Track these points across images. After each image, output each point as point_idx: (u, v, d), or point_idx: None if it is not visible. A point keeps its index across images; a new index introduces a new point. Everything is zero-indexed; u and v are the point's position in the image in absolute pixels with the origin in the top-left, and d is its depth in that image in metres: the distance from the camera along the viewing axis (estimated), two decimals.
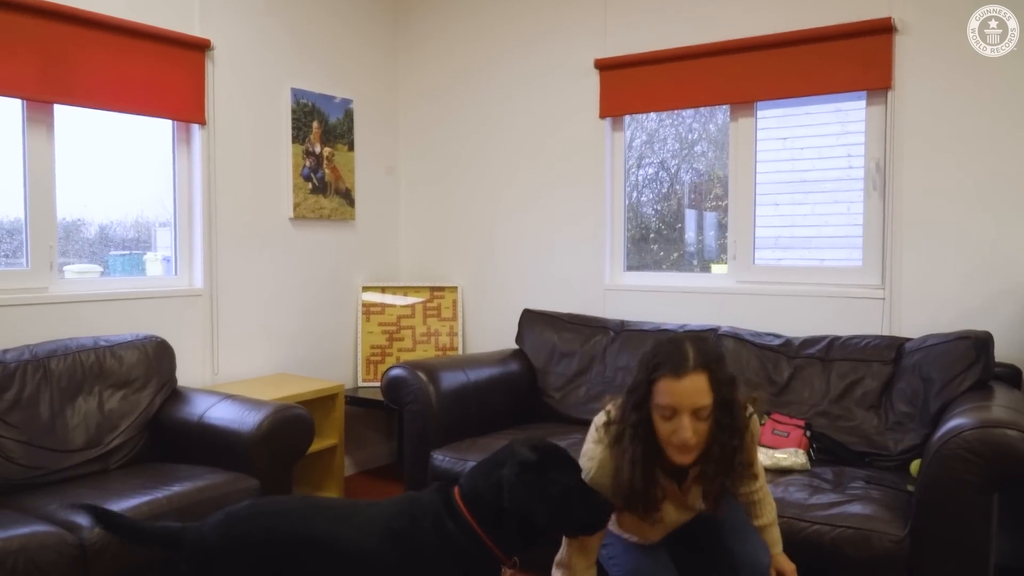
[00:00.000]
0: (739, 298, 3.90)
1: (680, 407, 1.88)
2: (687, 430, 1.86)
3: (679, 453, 1.91)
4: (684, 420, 1.87)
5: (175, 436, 3.17)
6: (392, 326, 4.68)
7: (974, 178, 3.36)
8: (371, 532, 1.97)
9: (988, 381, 3.05)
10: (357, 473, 4.69)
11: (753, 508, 2.35)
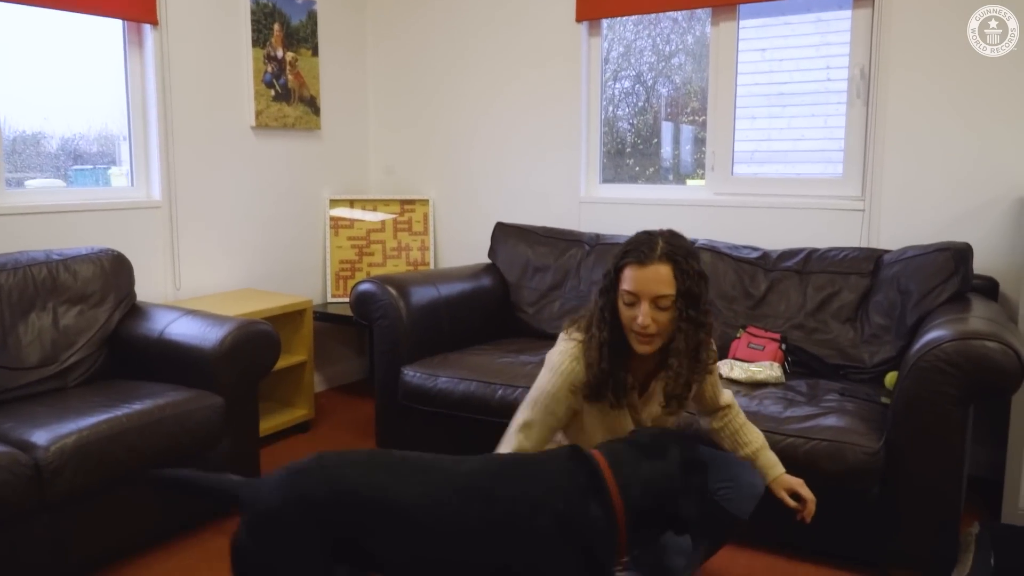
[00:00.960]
0: (717, 211, 3.81)
1: (641, 294, 1.92)
2: (646, 316, 1.91)
3: (639, 341, 1.96)
4: (644, 307, 1.92)
5: (135, 353, 3.07)
6: (361, 240, 4.56)
7: (960, 88, 3.25)
8: (469, 498, 1.66)
9: (966, 293, 3.01)
10: (328, 390, 4.63)
11: (737, 438, 2.25)
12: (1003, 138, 3.20)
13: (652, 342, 1.96)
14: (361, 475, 1.65)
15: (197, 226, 3.86)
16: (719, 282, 3.44)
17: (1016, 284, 3.17)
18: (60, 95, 3.48)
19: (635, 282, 1.92)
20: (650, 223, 3.89)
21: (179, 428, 2.69)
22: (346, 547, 1.61)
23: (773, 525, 2.71)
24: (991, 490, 3.06)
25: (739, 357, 3.14)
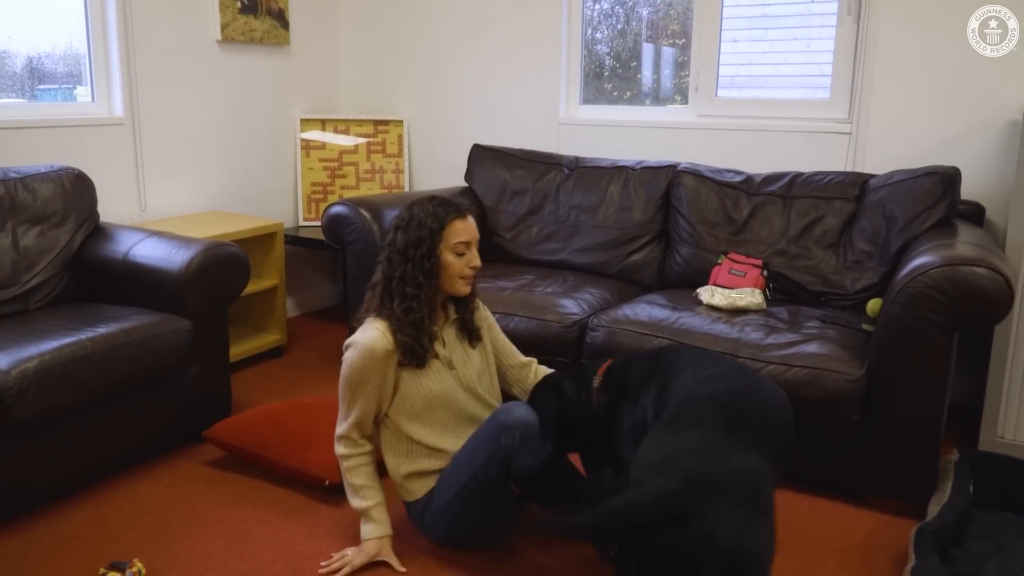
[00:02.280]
0: (700, 133, 3.71)
1: (471, 240, 2.23)
2: (478, 257, 2.24)
3: (465, 284, 2.25)
4: (474, 250, 2.24)
5: (99, 275, 2.96)
6: (334, 162, 4.42)
7: (953, 7, 3.14)
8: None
9: (952, 219, 2.96)
10: (300, 315, 4.55)
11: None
12: (994, 60, 3.11)
13: (471, 282, 2.26)
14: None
15: (162, 145, 3.70)
16: (700, 207, 3.37)
17: (1003, 209, 3.13)
18: (23, 11, 3.28)
19: (466, 232, 2.21)
20: (632, 145, 3.83)
21: (145, 352, 2.61)
22: None
23: None
24: (969, 418, 3.07)
25: (720, 283, 3.09)
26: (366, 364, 2.16)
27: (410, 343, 2.17)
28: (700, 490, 1.50)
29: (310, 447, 2.62)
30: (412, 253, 2.17)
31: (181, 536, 2.36)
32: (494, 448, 2.08)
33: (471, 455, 2.16)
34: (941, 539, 2.18)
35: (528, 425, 2.06)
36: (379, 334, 2.16)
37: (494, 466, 2.08)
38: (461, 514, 2.19)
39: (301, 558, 2.26)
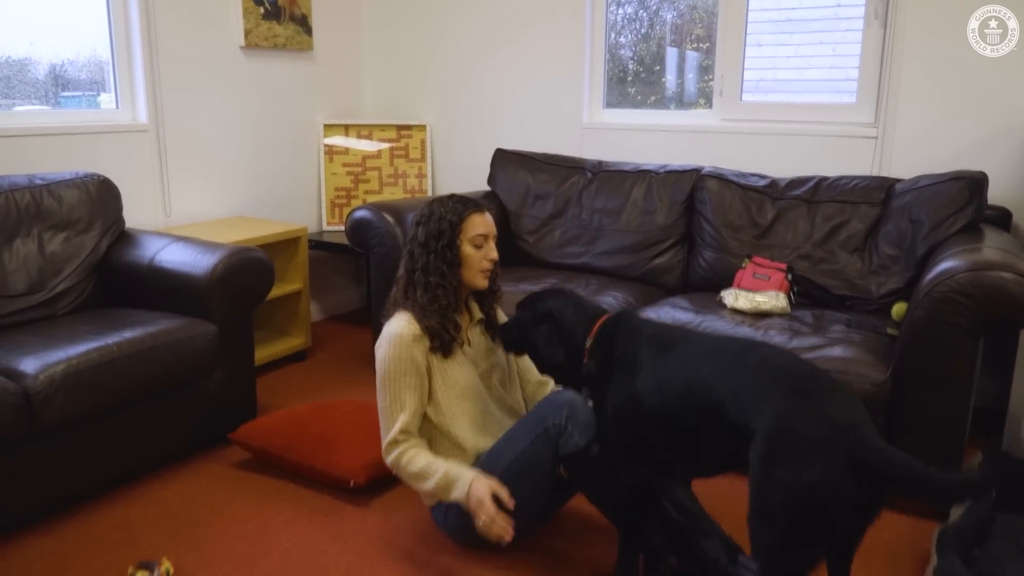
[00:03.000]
0: (724, 137, 3.70)
1: (489, 233, 2.27)
2: (495, 251, 2.28)
3: (484, 277, 2.28)
4: (492, 243, 2.27)
5: (125, 280, 3.00)
6: (357, 167, 4.44)
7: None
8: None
9: (979, 223, 2.93)
10: (324, 319, 4.58)
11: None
12: (1021, 65, 3.07)
13: (489, 275, 2.30)
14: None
15: (187, 151, 3.74)
16: (725, 211, 3.36)
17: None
18: (46, 19, 3.32)
19: (484, 225, 2.26)
20: (655, 150, 3.83)
21: (171, 356, 2.64)
22: None
23: None
24: (994, 421, 3.03)
25: (744, 287, 3.07)
26: (400, 353, 2.17)
27: (436, 327, 2.20)
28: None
29: (335, 449, 2.64)
30: (434, 244, 2.22)
31: (208, 536, 2.38)
32: (539, 429, 2.08)
33: (512, 440, 2.16)
34: (963, 540, 2.16)
35: (575, 404, 2.07)
36: (404, 322, 2.19)
37: (538, 447, 2.08)
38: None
39: (327, 557, 2.27)
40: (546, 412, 2.10)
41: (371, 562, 2.26)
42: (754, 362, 1.78)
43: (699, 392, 1.83)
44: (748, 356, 1.81)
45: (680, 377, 1.88)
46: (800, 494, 1.57)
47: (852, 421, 1.62)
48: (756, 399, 1.70)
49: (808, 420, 1.62)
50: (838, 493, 1.56)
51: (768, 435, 1.63)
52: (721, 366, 1.83)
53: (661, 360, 1.94)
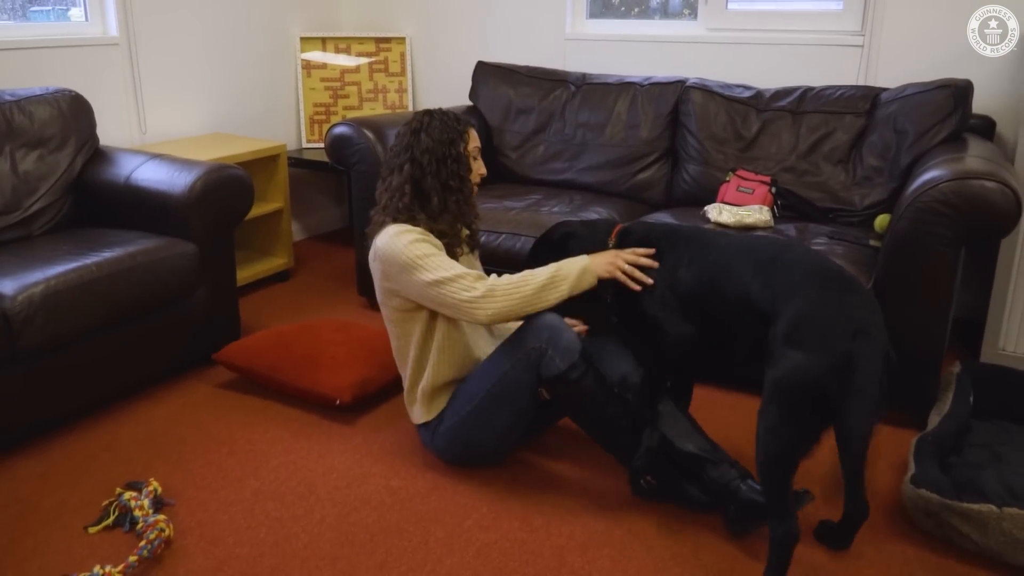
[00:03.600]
0: (709, 48, 3.63)
1: (479, 147, 2.32)
2: (484, 166, 2.34)
3: (476, 187, 2.33)
4: (480, 158, 2.32)
5: (102, 199, 2.95)
6: (336, 82, 4.34)
7: None
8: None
9: (963, 133, 2.91)
10: (307, 238, 4.54)
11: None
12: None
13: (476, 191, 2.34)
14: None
15: (160, 65, 3.64)
16: (709, 123, 3.31)
17: (1014, 123, 3.06)
18: None
19: (477, 139, 2.31)
20: (640, 61, 3.75)
21: (152, 276, 2.61)
22: None
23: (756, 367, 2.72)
24: (972, 332, 3.07)
25: (728, 201, 3.06)
26: (412, 237, 2.13)
27: (447, 230, 2.22)
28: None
29: (320, 368, 2.65)
30: (447, 151, 2.21)
31: (195, 456, 2.40)
32: (520, 353, 2.09)
33: (495, 362, 2.16)
34: (941, 448, 2.22)
35: (556, 327, 2.06)
36: (400, 226, 2.16)
37: (519, 371, 2.09)
38: (481, 424, 2.20)
39: (315, 475, 2.31)
40: (527, 335, 2.10)
41: (358, 479, 2.30)
42: (790, 259, 1.94)
43: (735, 281, 1.99)
44: (785, 253, 1.97)
45: (717, 268, 2.04)
46: (807, 375, 1.74)
47: (867, 323, 1.77)
48: (787, 289, 1.87)
49: (829, 312, 1.78)
50: (838, 382, 1.72)
51: (790, 319, 1.81)
52: (758, 260, 1.98)
53: (699, 254, 2.09)
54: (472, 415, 2.20)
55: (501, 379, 2.14)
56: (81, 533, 2.05)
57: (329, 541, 2.03)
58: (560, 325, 2.08)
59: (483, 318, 2.07)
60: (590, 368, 2.06)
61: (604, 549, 2.01)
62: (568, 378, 2.04)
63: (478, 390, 2.18)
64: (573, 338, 2.06)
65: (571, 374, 2.03)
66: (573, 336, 2.06)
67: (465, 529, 2.08)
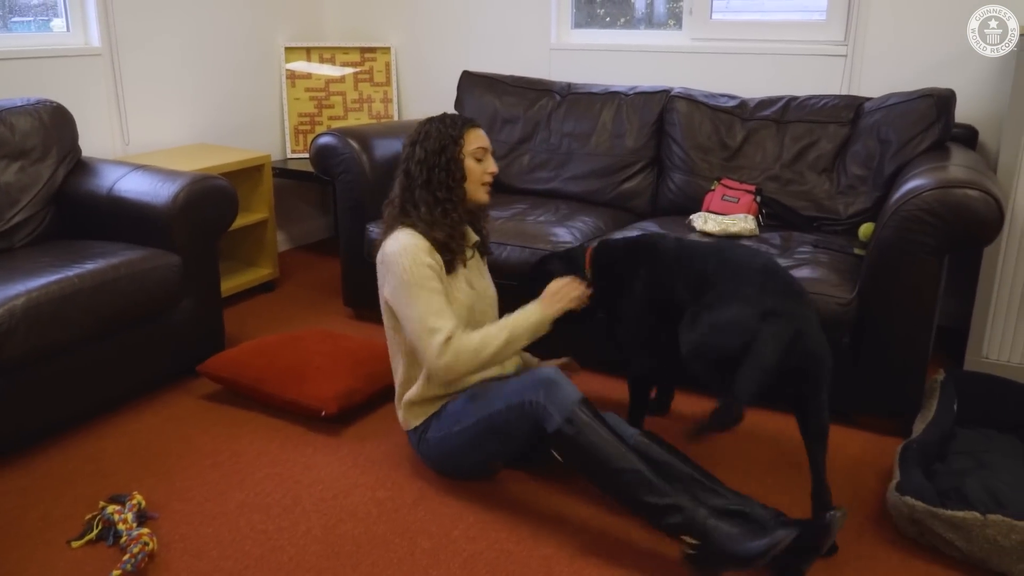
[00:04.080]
0: (694, 57, 3.65)
1: (487, 147, 2.28)
2: (494, 164, 2.30)
3: (486, 191, 2.30)
4: (490, 157, 2.29)
5: (84, 211, 2.93)
6: (321, 92, 4.33)
7: None
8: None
9: (946, 142, 2.94)
10: (292, 249, 4.53)
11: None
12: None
13: (489, 190, 2.31)
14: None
15: (144, 76, 3.62)
16: (694, 132, 3.33)
17: (996, 132, 3.10)
18: None
19: (482, 138, 2.27)
20: (625, 71, 3.77)
21: (135, 287, 2.59)
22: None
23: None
24: (956, 339, 3.09)
25: (713, 210, 3.07)
26: (417, 258, 2.13)
27: (444, 239, 2.19)
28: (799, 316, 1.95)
29: (305, 379, 2.63)
30: (437, 160, 2.20)
31: (180, 468, 2.38)
32: (515, 400, 2.06)
33: (493, 395, 2.13)
34: (925, 455, 2.22)
35: (553, 380, 2.03)
36: (409, 235, 2.16)
37: (512, 416, 2.06)
38: (468, 445, 2.19)
39: (300, 487, 2.29)
40: (524, 387, 2.07)
41: (344, 491, 2.28)
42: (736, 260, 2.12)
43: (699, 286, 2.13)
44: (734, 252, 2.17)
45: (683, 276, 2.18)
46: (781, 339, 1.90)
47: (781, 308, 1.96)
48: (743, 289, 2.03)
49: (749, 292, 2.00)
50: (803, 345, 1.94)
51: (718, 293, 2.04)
52: (717, 268, 2.12)
53: (661, 267, 2.23)
54: (460, 435, 2.19)
55: (494, 415, 2.11)
56: (64, 547, 2.03)
57: (315, 553, 2.02)
58: (557, 379, 2.04)
59: (439, 379, 2.18)
60: (592, 422, 1.98)
61: (592, 559, 2.00)
62: (565, 433, 1.97)
63: (469, 415, 2.17)
64: (571, 392, 2.02)
65: (567, 429, 1.97)
66: (571, 390, 2.02)
67: (452, 540, 2.07)
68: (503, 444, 2.16)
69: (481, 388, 2.21)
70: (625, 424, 2.22)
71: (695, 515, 1.87)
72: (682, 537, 1.87)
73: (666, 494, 1.90)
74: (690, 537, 1.86)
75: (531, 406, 2.03)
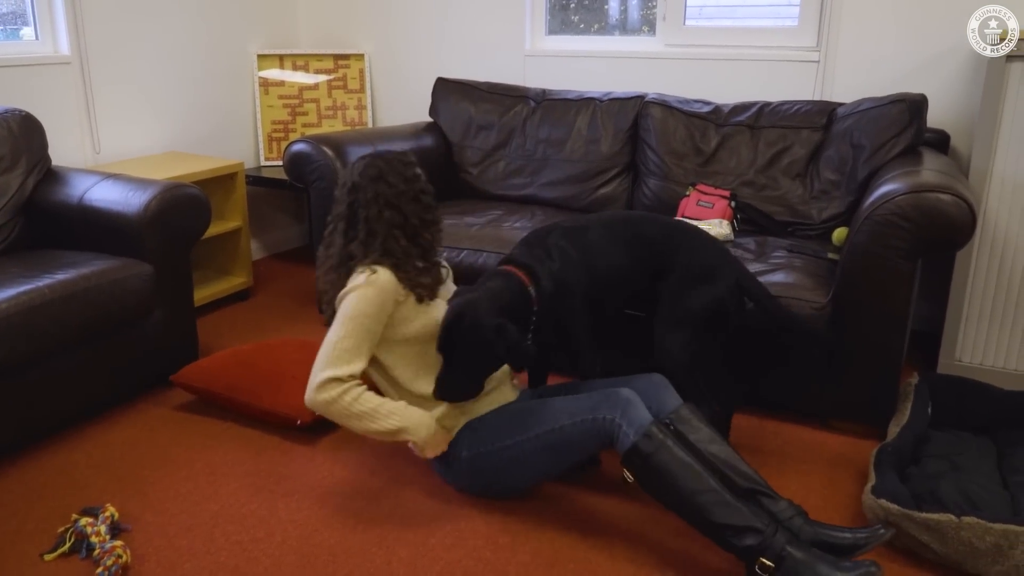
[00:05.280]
0: (668, 63, 3.66)
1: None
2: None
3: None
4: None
5: (54, 220, 2.88)
6: (294, 100, 4.31)
7: None
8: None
9: (918, 146, 2.97)
10: (267, 257, 4.49)
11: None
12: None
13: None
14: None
15: (114, 84, 3.58)
16: (668, 138, 3.34)
17: (968, 137, 3.14)
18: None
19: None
20: (599, 77, 3.78)
21: (106, 298, 2.56)
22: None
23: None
24: (929, 343, 3.12)
25: (688, 215, 3.08)
26: (381, 298, 2.11)
27: (418, 275, 2.18)
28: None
29: (280, 388, 2.61)
30: (409, 194, 2.19)
31: (153, 480, 2.35)
32: (587, 416, 2.02)
33: (552, 410, 2.10)
34: (900, 458, 2.24)
35: (633, 401, 2.01)
36: (389, 275, 2.12)
37: (577, 432, 2.03)
38: (516, 462, 2.14)
39: (275, 496, 2.27)
40: (596, 405, 2.04)
41: (320, 500, 2.26)
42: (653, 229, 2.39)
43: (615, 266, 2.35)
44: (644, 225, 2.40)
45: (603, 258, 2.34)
46: (714, 301, 2.30)
47: (726, 254, 2.37)
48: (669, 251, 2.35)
49: (711, 254, 2.34)
50: (732, 300, 2.32)
51: (685, 265, 2.33)
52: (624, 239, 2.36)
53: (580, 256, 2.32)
54: (507, 451, 2.13)
55: (556, 432, 2.06)
56: (37, 560, 2.00)
57: (291, 564, 1.99)
58: (633, 399, 2.03)
59: (308, 404, 2.09)
60: (668, 440, 1.94)
61: (569, 565, 2.00)
62: (641, 451, 1.93)
63: (518, 430, 2.12)
64: (647, 414, 2.00)
65: (645, 446, 1.93)
66: (646, 411, 2.01)
67: (429, 548, 2.06)
68: (559, 461, 2.11)
69: (524, 406, 2.18)
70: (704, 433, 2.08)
71: (773, 540, 1.82)
72: (761, 560, 1.82)
73: (743, 515, 1.85)
74: (766, 560, 1.82)
75: (605, 423, 2.00)
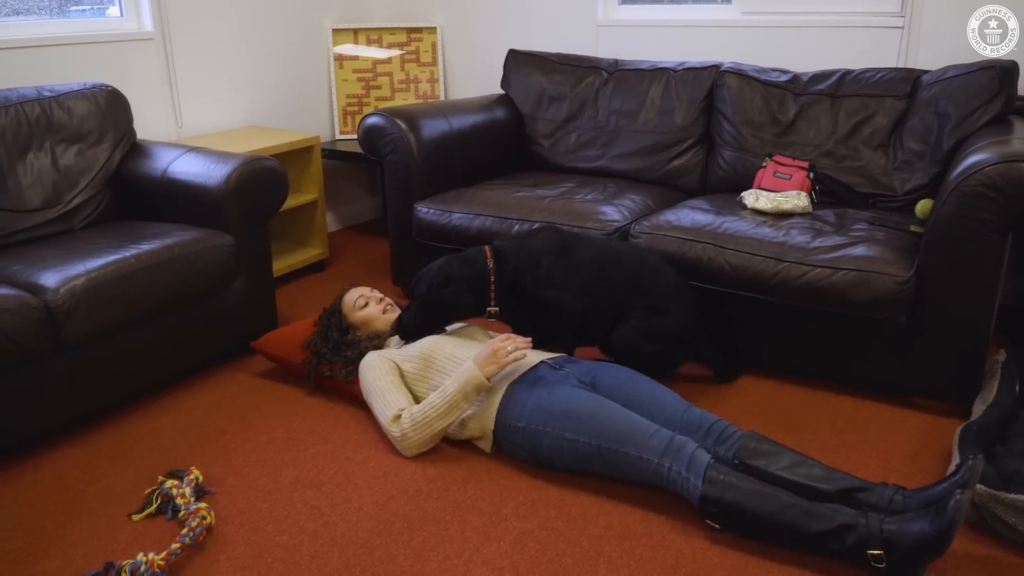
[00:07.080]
0: (744, 32, 3.58)
1: (366, 295, 2.84)
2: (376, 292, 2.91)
3: (385, 322, 2.81)
4: (375, 294, 2.90)
5: (140, 193, 2.98)
6: (368, 73, 4.35)
7: None
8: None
9: (1008, 115, 2.84)
10: (342, 229, 4.57)
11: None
12: None
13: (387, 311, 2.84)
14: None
15: (195, 59, 3.67)
16: (745, 108, 3.27)
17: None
18: None
19: (356, 293, 2.83)
20: (673, 46, 3.71)
21: (190, 268, 2.64)
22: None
23: (796, 354, 2.69)
24: (1017, 318, 3.01)
25: (765, 187, 3.02)
26: (380, 364, 2.46)
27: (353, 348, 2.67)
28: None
29: None
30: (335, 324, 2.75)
31: (235, 445, 2.43)
32: (653, 457, 2.01)
33: (621, 432, 2.08)
34: (985, 437, 2.17)
35: (681, 446, 2.00)
36: (380, 358, 2.50)
37: (638, 466, 2.04)
38: (569, 454, 2.16)
39: (352, 464, 2.32)
40: (652, 441, 2.03)
41: (395, 468, 2.31)
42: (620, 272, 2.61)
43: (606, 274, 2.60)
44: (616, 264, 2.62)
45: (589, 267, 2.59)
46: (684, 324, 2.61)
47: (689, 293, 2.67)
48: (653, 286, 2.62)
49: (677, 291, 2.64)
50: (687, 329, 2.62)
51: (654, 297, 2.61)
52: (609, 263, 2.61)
53: (565, 260, 2.58)
54: (564, 442, 2.15)
55: (618, 454, 2.06)
56: (125, 520, 2.09)
57: (367, 529, 2.04)
58: (691, 444, 2.00)
59: (408, 454, 2.34)
60: (729, 478, 1.92)
61: (642, 539, 2.00)
62: (710, 497, 1.92)
63: (581, 429, 2.12)
64: (704, 456, 1.97)
65: (711, 492, 1.91)
66: (703, 454, 1.98)
67: (502, 518, 2.08)
68: (611, 473, 2.14)
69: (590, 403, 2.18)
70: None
71: (869, 526, 1.77)
72: (869, 552, 1.76)
73: (830, 517, 1.81)
74: (874, 550, 1.76)
75: (668, 471, 1.99)
